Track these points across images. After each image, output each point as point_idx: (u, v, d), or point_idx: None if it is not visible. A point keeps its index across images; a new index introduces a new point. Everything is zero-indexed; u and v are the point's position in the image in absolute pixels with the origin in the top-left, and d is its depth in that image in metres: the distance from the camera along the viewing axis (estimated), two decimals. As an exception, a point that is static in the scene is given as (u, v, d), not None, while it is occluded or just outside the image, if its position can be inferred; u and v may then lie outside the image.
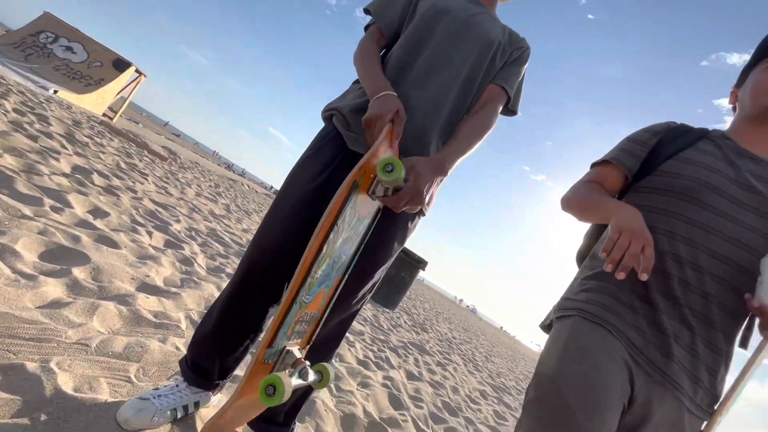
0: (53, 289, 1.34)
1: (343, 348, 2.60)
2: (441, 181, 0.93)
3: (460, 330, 10.23)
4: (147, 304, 1.60)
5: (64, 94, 6.87)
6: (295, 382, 0.80)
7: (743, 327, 0.74)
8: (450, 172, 0.94)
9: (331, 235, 0.77)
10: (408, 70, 1.02)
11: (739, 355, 0.75)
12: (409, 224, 1.05)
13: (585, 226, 0.98)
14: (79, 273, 1.51)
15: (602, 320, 0.71)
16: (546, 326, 0.86)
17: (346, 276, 0.92)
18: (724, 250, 0.71)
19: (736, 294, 0.70)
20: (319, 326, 0.93)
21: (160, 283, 1.90)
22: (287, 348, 0.84)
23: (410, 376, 2.96)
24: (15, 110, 3.70)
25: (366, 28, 1.15)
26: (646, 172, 0.83)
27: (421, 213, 1.08)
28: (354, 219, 0.82)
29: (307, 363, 0.85)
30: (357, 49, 1.08)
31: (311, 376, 0.85)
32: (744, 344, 0.74)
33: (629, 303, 0.72)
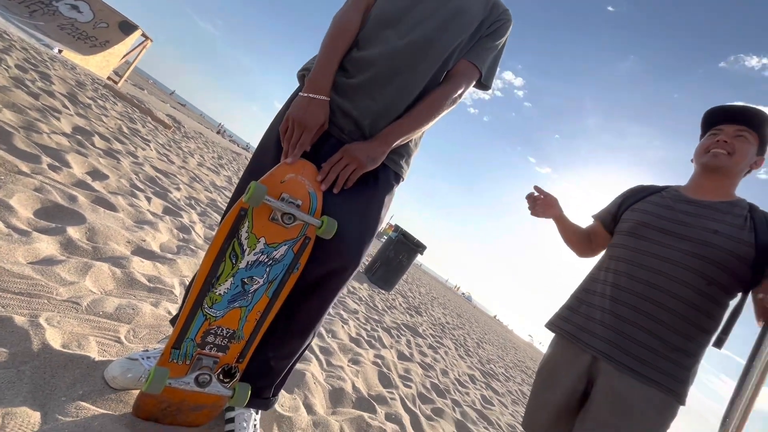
0: (46, 246, 1.33)
1: (336, 324, 2.62)
2: (382, 149, 0.96)
3: (453, 316, 10.34)
4: (141, 267, 1.60)
5: (69, 54, 6.76)
6: (182, 384, 0.88)
7: (719, 330, 0.96)
8: (396, 144, 0.98)
9: (228, 257, 0.87)
10: (380, 49, 0.99)
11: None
12: (393, 188, 1.06)
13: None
14: (73, 232, 1.50)
15: (567, 333, 1.12)
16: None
17: (277, 299, 0.94)
18: (652, 263, 1.02)
19: (663, 293, 0.98)
20: (251, 346, 0.95)
21: (156, 248, 1.89)
22: (199, 355, 0.90)
23: (401, 356, 2.99)
24: (17, 66, 3.64)
25: None
26: (618, 220, 1.21)
27: (399, 178, 1.07)
28: (260, 244, 0.89)
29: (213, 375, 0.92)
30: (340, 17, 1.02)
31: (214, 387, 0.91)
32: (719, 345, 0.96)
33: (584, 313, 1.10)
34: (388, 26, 1.00)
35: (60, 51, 6.55)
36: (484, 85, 1.12)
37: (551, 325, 1.19)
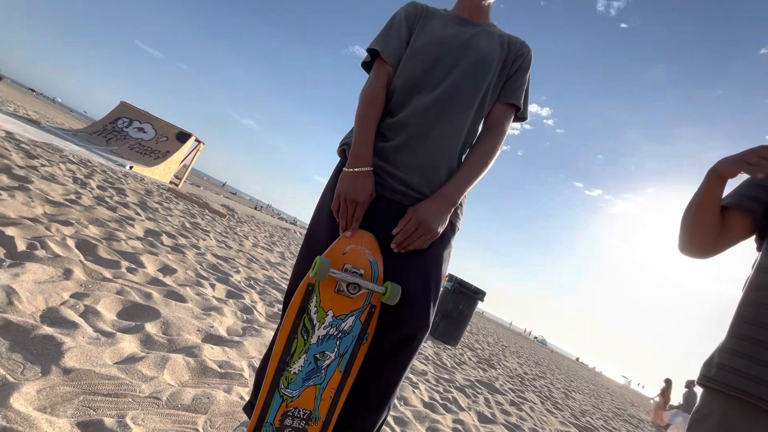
0: (128, 344, 1.42)
1: (406, 390, 2.47)
2: (450, 209, 0.98)
3: (530, 364, 9.45)
4: (212, 354, 1.64)
5: (138, 168, 7.76)
6: None
7: None
8: (460, 200, 1.01)
9: (300, 333, 0.88)
10: (412, 109, 1.02)
11: None
12: (451, 242, 1.04)
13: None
14: (151, 328, 1.60)
15: (751, 395, 0.68)
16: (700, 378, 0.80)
17: (350, 374, 0.92)
18: None
19: None
20: (328, 427, 0.92)
21: (223, 332, 1.96)
22: None
23: (482, 418, 2.72)
24: (98, 187, 4.21)
25: (366, 65, 1.15)
26: None
27: (455, 228, 1.05)
28: (328, 317, 0.89)
29: None
30: (367, 90, 1.06)
31: None
32: None
33: None
34: (415, 90, 1.05)
35: (131, 167, 7.55)
36: (520, 117, 1.15)
37: (712, 382, 0.75)
